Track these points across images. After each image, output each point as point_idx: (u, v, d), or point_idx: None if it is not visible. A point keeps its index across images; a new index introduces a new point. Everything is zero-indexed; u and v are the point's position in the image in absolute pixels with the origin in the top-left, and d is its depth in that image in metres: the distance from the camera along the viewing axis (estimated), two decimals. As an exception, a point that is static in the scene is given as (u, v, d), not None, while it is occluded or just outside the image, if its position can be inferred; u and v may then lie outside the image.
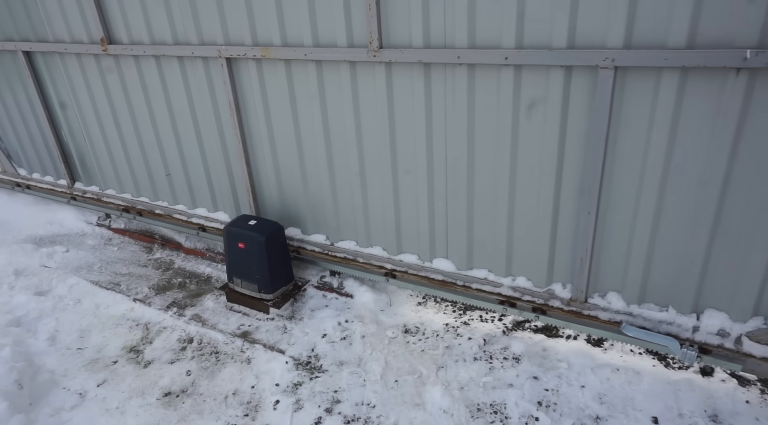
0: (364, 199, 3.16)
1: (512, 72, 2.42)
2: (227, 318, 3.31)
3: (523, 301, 2.82)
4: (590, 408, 2.47)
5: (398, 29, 2.61)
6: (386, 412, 2.54)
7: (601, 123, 2.28)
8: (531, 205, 2.66)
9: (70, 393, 2.81)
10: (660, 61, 2.06)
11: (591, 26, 2.18)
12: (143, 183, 4.16)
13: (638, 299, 2.60)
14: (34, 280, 3.75)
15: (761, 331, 2.31)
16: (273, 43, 2.99)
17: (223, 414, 2.61)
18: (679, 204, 2.31)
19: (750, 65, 1.91)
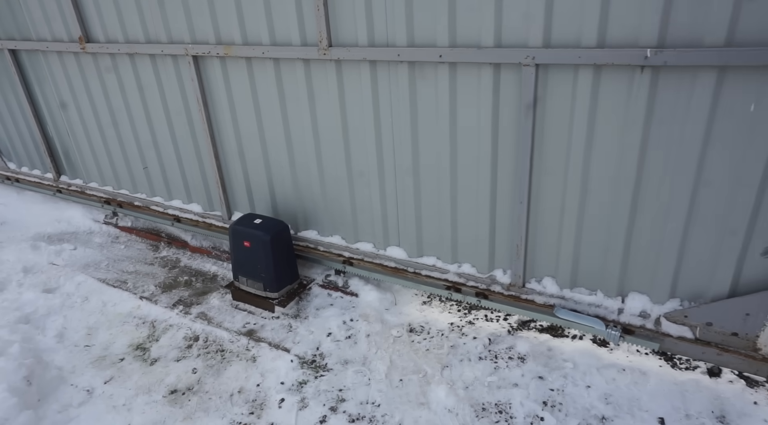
0: (323, 190, 3.33)
1: (447, 69, 2.58)
2: (233, 317, 3.33)
3: (468, 286, 2.97)
4: (596, 408, 2.46)
5: (345, 29, 2.78)
6: (391, 411, 2.55)
7: (526, 116, 2.44)
8: (471, 194, 2.82)
9: (78, 389, 2.83)
10: (575, 59, 2.23)
11: (514, 27, 2.35)
12: (123, 176, 4.35)
13: (570, 284, 2.75)
14: (43, 278, 3.79)
15: (677, 312, 2.46)
16: (235, 42, 3.18)
17: (229, 412, 2.62)
18: (599, 193, 2.47)
19: (651, 63, 2.09)
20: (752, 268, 2.28)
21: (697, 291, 2.45)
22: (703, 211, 2.28)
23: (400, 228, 3.16)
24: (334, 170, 3.21)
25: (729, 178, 2.17)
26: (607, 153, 2.37)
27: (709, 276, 2.39)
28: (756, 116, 2.03)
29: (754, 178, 2.12)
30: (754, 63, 1.94)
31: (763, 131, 2.04)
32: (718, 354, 2.43)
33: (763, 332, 2.30)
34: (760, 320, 2.28)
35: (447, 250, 3.05)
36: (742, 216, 2.20)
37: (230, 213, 3.85)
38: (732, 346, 2.40)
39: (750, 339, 2.34)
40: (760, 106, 2.01)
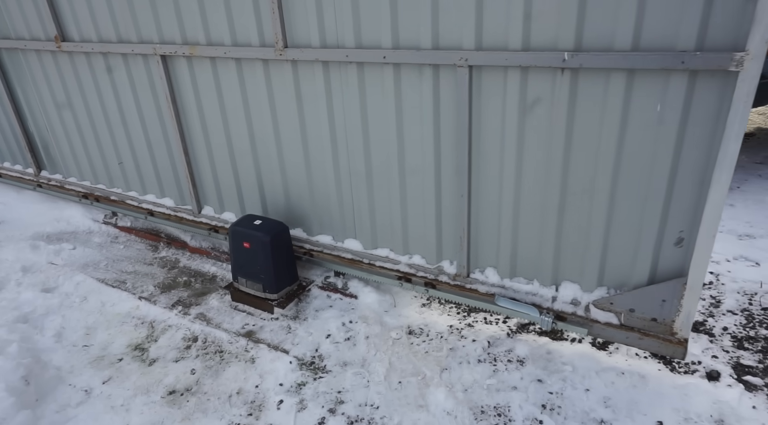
0: (284, 185, 3.49)
1: (392, 69, 2.73)
2: (232, 318, 3.32)
3: (418, 277, 3.10)
4: (595, 411, 2.46)
5: (299, 31, 2.92)
6: (390, 413, 2.54)
7: (463, 114, 2.60)
8: (418, 188, 2.96)
9: (76, 389, 2.83)
10: (503, 61, 2.39)
11: (450, 31, 2.50)
12: (100, 171, 4.49)
13: (510, 274, 2.90)
14: (41, 277, 3.78)
15: (604, 300, 2.62)
16: (199, 42, 3.31)
17: (227, 413, 2.62)
18: (531, 187, 2.62)
19: (569, 65, 2.25)
20: (667, 258, 2.44)
21: (621, 280, 2.60)
22: (622, 204, 2.43)
23: (356, 221, 3.30)
24: (294, 164, 3.36)
25: (643, 172, 2.33)
26: (536, 150, 2.52)
27: (630, 266, 2.54)
28: (662, 116, 2.19)
29: (664, 172, 2.28)
30: (655, 66, 2.10)
31: (669, 129, 2.20)
32: (640, 339, 2.58)
33: (678, 317, 2.46)
34: (675, 306, 2.45)
35: (399, 242, 3.20)
36: (655, 208, 2.36)
37: (200, 207, 3.98)
38: (652, 331, 2.56)
39: (667, 323, 2.51)
40: (665, 106, 2.17)
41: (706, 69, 2.03)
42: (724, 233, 3.84)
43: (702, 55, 2.01)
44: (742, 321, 3.00)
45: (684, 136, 2.19)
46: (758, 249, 3.62)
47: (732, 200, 4.29)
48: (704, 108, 2.11)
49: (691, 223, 2.31)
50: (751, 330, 2.93)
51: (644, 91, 2.19)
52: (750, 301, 3.16)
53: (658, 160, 2.27)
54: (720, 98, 2.07)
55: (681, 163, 2.24)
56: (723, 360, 2.72)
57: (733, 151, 2.07)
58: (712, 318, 3.03)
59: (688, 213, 2.31)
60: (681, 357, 2.53)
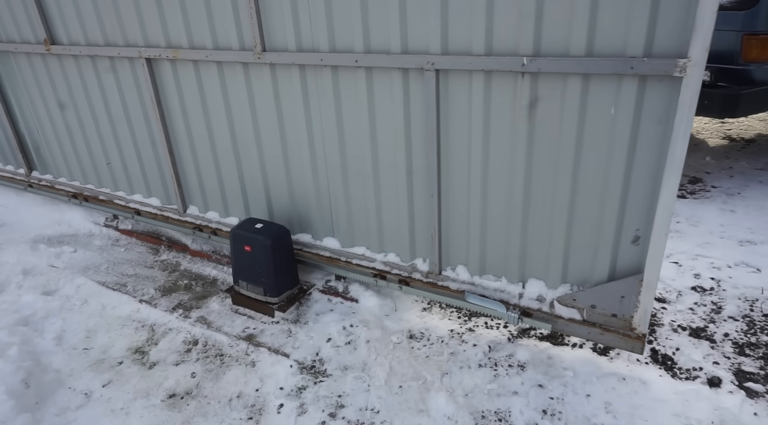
0: (265, 185, 3.56)
1: (364, 73, 2.81)
2: (232, 321, 3.32)
3: (392, 274, 3.18)
4: (596, 417, 2.45)
5: (277, 35, 3.01)
6: (390, 418, 2.54)
7: (431, 117, 2.68)
8: (392, 188, 3.04)
9: (76, 393, 2.82)
10: (467, 65, 2.47)
11: (417, 36, 2.59)
12: (89, 171, 4.56)
13: (479, 271, 2.98)
14: (42, 280, 3.78)
15: (567, 296, 2.70)
16: (182, 46, 3.40)
17: (228, 416, 2.61)
18: (497, 186, 2.70)
19: (528, 70, 2.34)
20: (625, 255, 2.53)
21: (583, 277, 2.69)
22: (582, 204, 2.52)
23: (334, 220, 3.38)
24: (274, 165, 3.44)
25: (600, 173, 2.42)
26: (501, 151, 2.61)
27: (591, 263, 2.63)
28: (616, 119, 2.28)
29: (619, 173, 2.37)
30: (608, 71, 2.20)
31: (623, 132, 2.29)
32: (601, 334, 2.65)
33: (636, 312, 2.54)
34: (633, 302, 2.53)
35: (375, 241, 3.28)
36: (613, 208, 2.44)
37: (185, 207, 4.05)
38: (612, 326, 2.64)
39: (626, 319, 2.59)
40: (618, 110, 2.26)
41: (653, 74, 2.12)
42: (725, 239, 3.84)
43: (649, 61, 2.10)
44: (743, 327, 3.00)
45: (637, 138, 2.28)
46: (759, 256, 3.62)
47: (733, 206, 4.30)
48: (654, 111, 2.21)
49: (647, 222, 2.39)
50: (753, 336, 2.93)
51: (599, 95, 2.28)
52: (751, 307, 3.16)
53: (614, 161, 2.35)
54: (668, 102, 2.16)
55: (635, 164, 2.33)
56: (724, 366, 2.72)
57: (680, 153, 2.16)
58: (714, 325, 3.03)
59: (643, 213, 2.39)
60: (639, 352, 2.59)
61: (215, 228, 3.84)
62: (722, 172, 4.95)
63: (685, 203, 4.40)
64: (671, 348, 2.86)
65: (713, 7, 1.92)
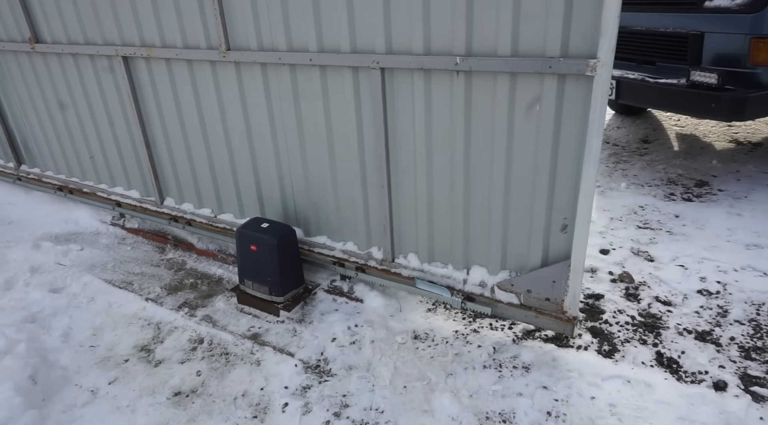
0: (234, 177, 3.73)
1: (318, 71, 2.97)
2: (238, 320, 3.34)
3: (350, 262, 3.34)
4: (601, 419, 2.45)
5: (240, 34, 3.16)
6: (395, 418, 2.54)
7: (379, 112, 2.83)
8: (347, 179, 3.19)
9: (82, 390, 2.84)
10: (408, 64, 2.63)
11: (365, 36, 2.74)
12: (73, 165, 4.75)
13: (428, 258, 3.14)
14: (49, 278, 3.81)
15: (506, 282, 2.86)
16: (155, 45, 3.55)
17: (232, 415, 2.63)
18: (440, 177, 2.84)
19: (461, 68, 2.50)
20: (555, 243, 2.68)
21: (520, 264, 2.84)
22: (515, 194, 2.68)
23: (298, 210, 3.56)
24: (242, 157, 3.60)
25: (529, 165, 2.57)
26: (441, 146, 2.76)
27: (526, 250, 2.78)
28: (541, 115, 2.44)
29: (546, 166, 2.52)
30: (530, 70, 2.36)
31: (547, 127, 2.45)
32: (536, 317, 2.82)
33: (566, 296, 2.68)
34: (563, 286, 2.68)
35: (334, 230, 3.45)
36: (542, 198, 2.60)
37: (162, 199, 4.24)
38: (546, 310, 2.79)
39: (558, 302, 2.73)
40: (542, 106, 2.42)
41: (569, 73, 2.29)
42: (731, 243, 3.83)
43: (565, 61, 2.27)
44: (749, 331, 2.99)
45: (560, 132, 2.44)
46: (766, 260, 3.60)
47: (740, 209, 4.28)
48: (573, 108, 2.36)
49: (572, 211, 2.54)
50: (759, 340, 2.92)
51: (525, 92, 2.44)
52: (758, 311, 3.14)
53: (540, 153, 2.51)
54: (584, 99, 2.31)
55: (559, 156, 2.48)
56: (730, 370, 2.71)
57: (595, 146, 2.32)
58: (719, 328, 3.02)
59: (569, 202, 2.54)
60: (570, 335, 2.76)
61: (189, 219, 4.06)
62: (729, 176, 4.93)
63: (691, 206, 4.39)
64: (677, 351, 2.85)
65: (616, 13, 2.10)
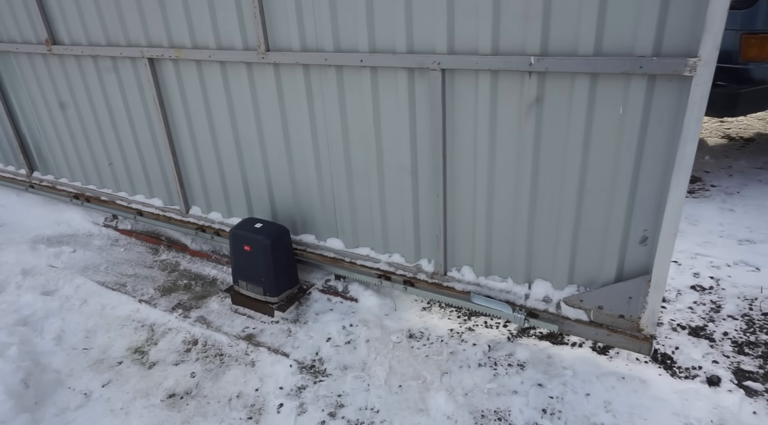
0: (268, 185, 3.55)
1: (369, 72, 2.79)
2: (232, 321, 3.32)
3: (397, 275, 3.16)
4: (596, 416, 2.46)
5: (281, 35, 2.99)
6: (390, 417, 2.54)
7: (437, 116, 2.67)
8: (396, 188, 3.02)
9: (75, 393, 2.82)
10: (474, 65, 2.46)
11: (423, 35, 2.57)
12: (91, 172, 4.54)
13: (485, 272, 2.96)
14: (41, 280, 3.78)
15: (574, 297, 2.68)
16: (185, 46, 3.38)
17: (227, 416, 2.61)
18: (504, 186, 2.68)
19: (535, 69, 2.33)
20: (633, 256, 2.51)
21: (590, 278, 2.67)
22: (589, 205, 2.50)
23: (338, 220, 3.36)
24: (277, 164, 3.42)
25: (608, 174, 2.41)
26: (508, 151, 2.60)
27: (599, 264, 2.61)
28: (624, 118, 2.27)
29: (627, 173, 2.35)
30: (616, 71, 2.18)
31: (631, 131, 2.28)
32: (608, 335, 2.64)
33: (644, 313, 2.52)
34: (641, 302, 2.51)
35: (379, 241, 3.26)
36: (620, 208, 2.43)
37: (188, 207, 4.02)
38: (620, 327, 2.62)
39: (634, 320, 2.57)
40: (627, 109, 2.25)
41: (662, 73, 2.11)
42: (724, 238, 3.85)
43: (658, 61, 2.09)
44: (742, 326, 3.00)
45: (645, 138, 2.27)
46: (758, 255, 3.63)
47: (732, 205, 4.30)
48: (663, 111, 2.19)
49: (655, 222, 2.38)
50: (752, 335, 2.93)
51: (607, 95, 2.27)
52: (750, 306, 3.16)
53: (621, 161, 2.34)
54: (677, 101, 2.15)
55: (643, 163, 2.31)
56: (723, 365, 2.72)
57: (690, 153, 2.15)
58: (713, 323, 3.03)
59: (652, 213, 2.37)
60: (647, 354, 2.58)
61: (218, 229, 3.82)
62: (721, 171, 4.95)
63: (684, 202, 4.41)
64: (670, 347, 2.86)
65: (724, 6, 1.90)
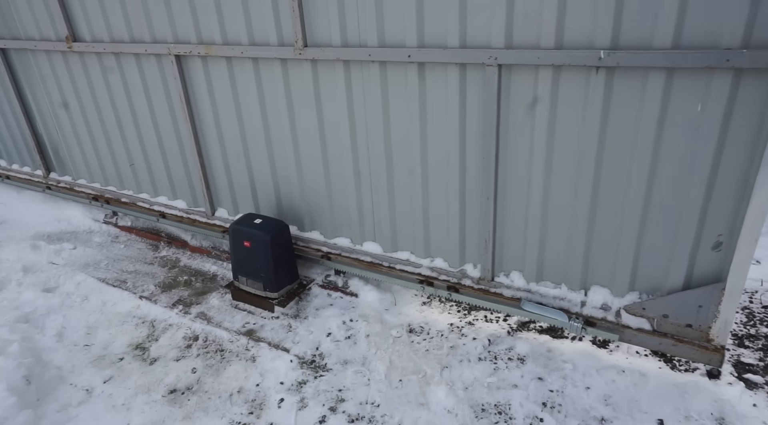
0: (301, 188, 3.43)
1: (416, 68, 2.67)
2: (232, 317, 3.33)
3: (440, 280, 3.04)
4: (595, 409, 2.46)
5: (320, 30, 2.86)
6: (390, 411, 2.55)
7: (491, 115, 2.53)
8: (441, 190, 2.90)
9: (77, 389, 2.83)
10: (534, 60, 2.32)
11: (478, 28, 2.43)
12: (110, 173, 4.43)
13: (536, 277, 2.83)
14: (42, 277, 3.79)
15: (636, 305, 2.56)
16: (215, 42, 3.25)
17: (228, 411, 2.62)
18: (561, 189, 2.56)
19: (605, 64, 2.18)
20: (704, 262, 2.38)
21: (654, 285, 2.54)
22: (657, 209, 2.37)
23: (376, 223, 3.24)
24: (312, 167, 3.30)
25: (681, 175, 2.27)
26: (567, 151, 2.47)
27: (664, 270, 2.48)
28: (703, 116, 2.12)
29: (703, 174, 2.21)
30: (698, 65, 2.03)
31: (710, 130, 2.13)
32: (674, 345, 2.52)
33: (715, 323, 2.40)
34: (712, 312, 2.38)
35: (420, 245, 3.13)
36: (693, 212, 2.30)
37: (213, 210, 3.93)
38: (687, 337, 2.50)
39: (703, 330, 2.45)
40: (706, 106, 2.09)
41: (752, 67, 1.94)
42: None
43: (748, 53, 1.92)
44: (742, 319, 3.00)
45: (726, 137, 2.11)
46: (759, 247, 3.60)
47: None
48: (749, 108, 2.03)
49: (731, 227, 2.24)
50: (752, 328, 2.93)
51: (684, 91, 2.12)
52: (750, 299, 3.16)
53: (697, 162, 2.20)
54: (766, 98, 1.98)
55: (722, 164, 2.16)
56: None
57: None
58: (713, 316, 3.03)
59: (728, 217, 2.23)
60: (718, 365, 2.46)
61: None
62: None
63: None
64: (671, 340, 2.86)
65: None
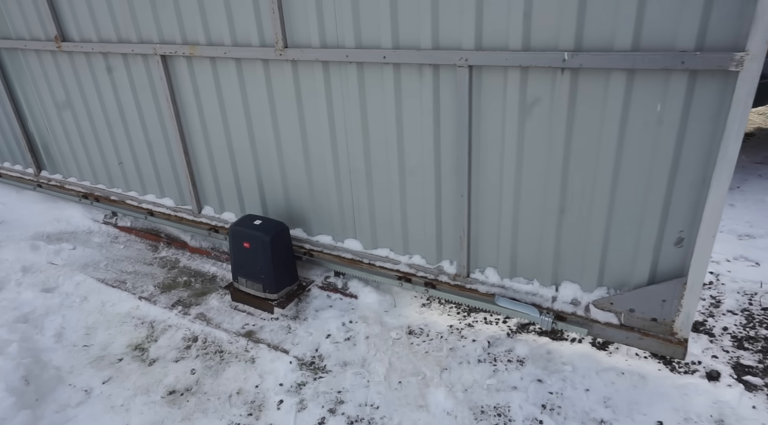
0: (284, 185, 3.48)
1: (392, 69, 2.73)
2: (232, 318, 3.32)
3: (418, 277, 3.10)
4: (595, 411, 2.46)
5: (299, 31, 2.92)
6: (390, 413, 2.54)
7: (463, 114, 2.60)
8: (418, 188, 2.96)
9: (76, 389, 2.83)
10: (503, 61, 2.39)
11: (450, 31, 2.50)
12: (100, 171, 4.49)
13: (510, 274, 2.90)
14: (41, 277, 3.78)
15: (604, 300, 2.63)
16: (199, 42, 3.31)
17: (227, 413, 2.62)
18: (531, 187, 2.62)
19: (569, 65, 2.25)
20: (667, 258, 2.45)
21: (621, 280, 2.61)
22: (621, 205, 2.44)
23: (356, 221, 3.30)
24: (294, 163, 3.36)
25: (643, 173, 2.33)
26: (536, 150, 2.53)
27: (630, 266, 2.54)
28: (663, 116, 2.19)
29: (663, 172, 2.28)
30: (656, 67, 2.10)
31: (669, 129, 2.20)
32: (640, 339, 2.58)
33: (678, 317, 2.47)
34: (675, 306, 2.45)
35: (399, 242, 3.20)
36: (655, 209, 2.36)
37: (200, 207, 3.98)
38: (652, 331, 2.56)
39: (667, 323, 2.52)
40: (665, 106, 2.17)
41: (706, 69, 2.03)
42: (724, 233, 3.84)
43: (702, 55, 2.01)
44: (742, 321, 3.00)
45: (684, 135, 2.19)
46: (758, 249, 3.62)
47: (732, 200, 4.29)
48: (704, 108, 2.11)
49: (691, 223, 2.32)
50: (751, 330, 2.93)
51: (644, 91, 2.19)
52: (750, 301, 3.16)
53: (657, 160, 2.27)
54: (720, 98, 2.07)
55: (681, 162, 2.24)
56: (723, 360, 2.72)
57: (732, 152, 2.07)
58: (712, 318, 3.03)
59: (688, 213, 2.31)
60: (681, 357, 2.53)
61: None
62: (721, 166, 4.94)
63: (684, 197, 4.40)
64: (670, 342, 2.86)
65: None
